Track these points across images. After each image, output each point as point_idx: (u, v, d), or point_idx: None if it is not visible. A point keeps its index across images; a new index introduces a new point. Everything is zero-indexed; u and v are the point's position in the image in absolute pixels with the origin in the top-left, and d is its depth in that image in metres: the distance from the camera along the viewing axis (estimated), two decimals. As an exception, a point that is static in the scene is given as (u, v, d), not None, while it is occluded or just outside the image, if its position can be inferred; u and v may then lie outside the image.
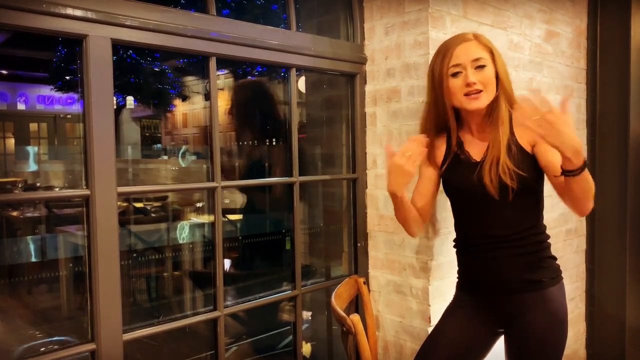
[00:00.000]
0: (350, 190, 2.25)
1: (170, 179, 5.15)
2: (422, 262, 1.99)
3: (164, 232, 3.56)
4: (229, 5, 3.62)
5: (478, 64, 1.50)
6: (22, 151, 9.15)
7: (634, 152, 2.78)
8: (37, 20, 1.34)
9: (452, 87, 1.51)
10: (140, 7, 1.53)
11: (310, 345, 2.44)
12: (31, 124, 10.50)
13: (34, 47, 7.28)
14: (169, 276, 3.35)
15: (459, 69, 1.50)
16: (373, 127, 2.19)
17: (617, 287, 2.81)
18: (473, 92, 1.49)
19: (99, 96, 1.44)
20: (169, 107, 10.27)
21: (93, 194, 1.44)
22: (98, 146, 1.43)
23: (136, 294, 3.24)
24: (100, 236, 1.45)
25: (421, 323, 2.01)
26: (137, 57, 8.15)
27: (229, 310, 1.79)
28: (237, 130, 2.74)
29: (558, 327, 1.53)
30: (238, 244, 2.61)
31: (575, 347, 2.86)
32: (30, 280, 3.23)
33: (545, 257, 1.58)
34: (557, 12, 2.60)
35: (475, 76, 1.49)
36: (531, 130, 1.32)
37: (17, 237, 3.72)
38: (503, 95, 1.53)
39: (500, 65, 1.54)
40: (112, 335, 1.49)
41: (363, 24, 2.18)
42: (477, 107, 1.51)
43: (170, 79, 9.47)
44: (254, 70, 4.91)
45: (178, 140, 11.32)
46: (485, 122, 1.57)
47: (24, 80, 10.01)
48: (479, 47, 1.52)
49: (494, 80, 1.52)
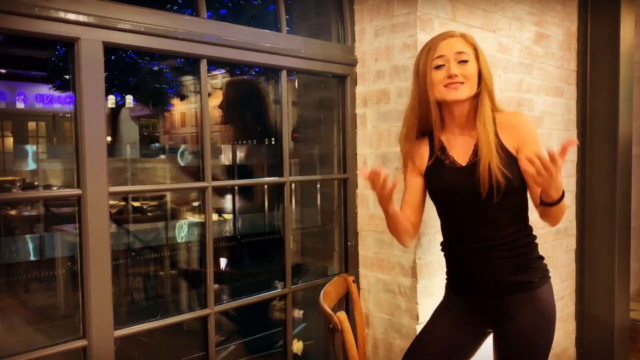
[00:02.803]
0: (341, 190, 2.28)
1: (168, 178, 5.17)
2: (410, 261, 2.03)
3: (160, 231, 3.59)
4: (221, 7, 3.65)
5: (461, 58, 1.53)
6: (21, 150, 9.16)
7: (623, 152, 2.82)
8: (29, 24, 1.37)
9: (435, 79, 1.54)
10: (132, 11, 1.56)
11: (302, 343, 2.47)
12: (30, 122, 10.52)
13: (32, 47, 7.30)
14: (163, 275, 3.38)
15: (442, 62, 1.53)
16: (363, 128, 2.22)
17: (607, 287, 2.85)
18: (454, 83, 1.51)
19: (91, 98, 1.47)
20: (167, 106, 10.29)
21: (85, 194, 1.47)
22: (89, 147, 1.47)
23: (128, 292, 3.26)
24: (91, 235, 1.48)
25: (409, 321, 2.04)
26: (135, 56, 8.17)
27: (220, 307, 1.83)
28: (229, 129, 2.77)
29: (547, 325, 1.56)
30: (230, 243, 2.64)
31: (565, 346, 2.89)
32: (26, 278, 3.26)
33: (534, 258, 1.60)
34: (547, 14, 2.63)
35: (457, 69, 1.52)
36: (528, 174, 1.41)
37: (15, 236, 3.74)
38: (486, 94, 1.56)
39: (483, 64, 1.57)
40: (103, 332, 1.52)
41: (354, 27, 2.21)
42: (456, 97, 1.52)
43: (168, 78, 9.48)
44: (251, 69, 4.94)
45: (176, 140, 11.35)
46: (469, 122, 1.59)
47: (23, 79, 10.02)
48: (464, 43, 1.56)
49: (476, 76, 1.55)
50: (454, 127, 1.61)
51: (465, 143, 1.59)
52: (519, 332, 1.55)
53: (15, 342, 2.94)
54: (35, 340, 2.97)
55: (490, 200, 1.50)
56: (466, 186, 1.53)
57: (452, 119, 1.60)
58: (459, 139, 1.61)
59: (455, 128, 1.61)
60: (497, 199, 1.49)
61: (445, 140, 1.62)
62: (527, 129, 1.57)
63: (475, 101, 1.56)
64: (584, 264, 2.92)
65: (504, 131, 1.56)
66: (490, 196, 1.50)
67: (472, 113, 1.58)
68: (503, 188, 1.49)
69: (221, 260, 2.76)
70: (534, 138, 1.56)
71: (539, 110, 2.59)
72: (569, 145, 1.31)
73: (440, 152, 1.61)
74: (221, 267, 2.66)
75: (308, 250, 2.58)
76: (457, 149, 1.60)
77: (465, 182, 1.53)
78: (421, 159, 1.65)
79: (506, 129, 1.56)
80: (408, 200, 1.68)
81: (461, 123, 1.60)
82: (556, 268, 2.76)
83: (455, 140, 1.61)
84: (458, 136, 1.61)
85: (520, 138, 1.55)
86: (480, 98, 1.55)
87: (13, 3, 1.33)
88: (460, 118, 1.59)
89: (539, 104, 2.59)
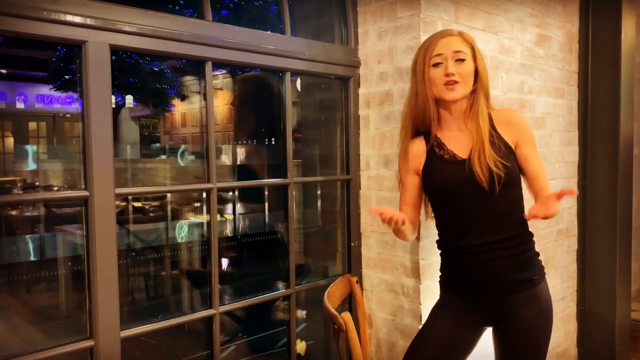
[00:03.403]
0: (344, 191, 2.29)
1: (169, 179, 5.18)
2: (413, 262, 2.04)
3: (162, 231, 3.60)
4: (226, 8, 3.62)
5: (458, 57, 1.56)
6: (21, 150, 9.16)
7: (624, 153, 2.83)
8: (38, 27, 1.38)
9: (433, 77, 1.57)
10: (138, 14, 1.57)
11: (305, 344, 2.48)
12: (30, 123, 10.53)
13: (34, 47, 7.31)
14: (167, 275, 3.39)
15: (440, 59, 1.56)
16: (366, 129, 2.23)
17: (608, 287, 2.86)
18: (450, 83, 1.55)
19: (98, 100, 1.48)
20: (168, 107, 10.30)
21: (92, 195, 1.48)
22: (97, 149, 1.48)
23: (134, 293, 3.28)
24: (98, 236, 1.49)
25: (412, 321, 2.06)
26: (137, 56, 8.17)
27: (224, 308, 1.84)
28: (235, 129, 2.77)
29: (548, 321, 1.58)
30: (234, 243, 2.65)
31: (566, 346, 2.91)
32: (29, 279, 3.27)
33: (533, 255, 1.62)
34: (549, 16, 2.65)
35: (454, 68, 1.55)
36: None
37: (16, 236, 3.75)
38: (481, 91, 1.60)
39: (480, 62, 1.60)
40: (110, 332, 1.53)
41: (357, 29, 2.23)
42: (453, 97, 1.56)
43: (169, 78, 9.49)
44: (253, 70, 4.95)
45: (177, 140, 11.36)
46: (466, 118, 1.62)
47: (23, 79, 10.03)
48: (462, 42, 1.59)
49: (471, 75, 1.58)
50: (451, 124, 1.64)
51: (464, 138, 1.61)
52: (522, 331, 1.56)
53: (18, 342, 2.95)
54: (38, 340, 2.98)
55: (492, 192, 1.51)
56: (468, 178, 1.53)
57: (450, 116, 1.63)
58: (458, 134, 1.63)
59: (453, 125, 1.64)
60: (498, 189, 1.51)
61: (442, 137, 1.64)
62: (524, 126, 1.62)
63: (472, 98, 1.60)
64: (585, 264, 2.94)
65: (503, 127, 1.60)
66: (492, 187, 1.51)
67: (469, 110, 1.61)
68: (503, 178, 1.51)
69: (225, 260, 2.77)
70: (530, 134, 1.62)
71: (540, 112, 2.60)
72: (566, 194, 1.35)
73: (438, 148, 1.63)
74: (224, 268, 2.68)
75: (312, 250, 2.59)
76: (457, 144, 1.62)
77: (468, 174, 1.54)
78: (417, 158, 1.67)
79: (505, 125, 1.60)
80: (407, 200, 1.70)
81: (459, 120, 1.63)
82: (557, 268, 2.77)
83: (454, 136, 1.63)
84: (457, 132, 1.63)
85: (519, 134, 1.60)
86: (476, 95, 1.60)
87: (21, 6, 1.35)
88: (458, 115, 1.62)
89: (541, 105, 2.61)
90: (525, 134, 1.60)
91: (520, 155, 1.58)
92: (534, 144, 1.62)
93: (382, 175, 2.17)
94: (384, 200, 2.16)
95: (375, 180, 2.21)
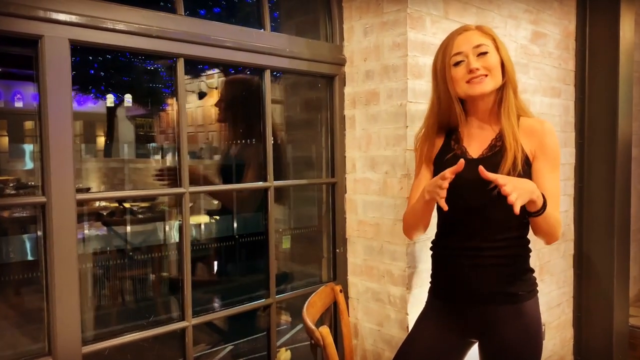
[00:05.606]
0: (329, 195, 2.19)
1: (150, 179, 5.04)
2: (401, 270, 1.94)
3: (150, 233, 3.49)
4: (200, 3, 3.49)
5: (480, 51, 1.45)
6: (16, 149, 9.07)
7: (622, 154, 2.73)
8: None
9: (455, 77, 1.46)
10: (100, 7, 1.47)
11: (290, 353, 2.39)
12: (26, 122, 10.44)
13: (29, 45, 7.21)
14: (143, 281, 3.26)
15: (461, 58, 1.45)
16: (352, 130, 2.13)
17: (605, 293, 2.77)
18: (476, 77, 1.43)
19: (56, 99, 1.38)
20: (162, 106, 10.21)
21: (49, 201, 1.38)
22: (54, 152, 1.38)
23: (102, 300, 3.14)
24: (57, 245, 1.39)
25: (399, 332, 1.96)
26: (130, 55, 8.08)
27: (198, 320, 1.74)
28: (219, 129, 2.67)
29: (531, 340, 1.48)
30: (210, 250, 2.54)
31: (563, 353, 2.81)
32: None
33: (525, 270, 1.52)
34: (544, 12, 2.54)
35: (478, 62, 1.44)
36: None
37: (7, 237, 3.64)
38: (510, 86, 1.48)
39: (504, 54, 1.48)
40: (70, 348, 1.43)
41: (342, 25, 2.13)
42: (482, 91, 1.44)
43: (163, 77, 9.40)
44: (246, 69, 4.86)
45: (171, 140, 11.25)
46: (492, 116, 1.51)
47: (19, 78, 9.93)
48: (481, 35, 1.48)
49: (499, 67, 1.46)
50: (473, 120, 1.54)
51: (483, 136, 1.52)
52: (504, 347, 1.48)
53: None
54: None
55: (498, 197, 1.37)
56: (471, 178, 1.41)
57: (475, 113, 1.53)
58: (478, 132, 1.53)
59: (475, 121, 1.54)
60: (498, 197, 1.39)
61: (462, 132, 1.55)
62: (547, 139, 1.48)
63: (499, 94, 1.49)
64: (582, 269, 2.84)
65: (525, 135, 1.48)
66: (499, 192, 1.37)
67: (496, 107, 1.50)
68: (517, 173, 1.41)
69: (201, 266, 2.65)
70: (551, 150, 1.48)
71: (535, 112, 2.49)
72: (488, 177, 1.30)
73: (454, 141, 1.54)
74: (200, 275, 2.56)
75: (295, 257, 2.49)
76: (473, 141, 1.52)
77: (473, 174, 1.39)
78: (435, 148, 1.58)
79: (528, 133, 1.49)
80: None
81: (484, 117, 1.52)
82: (553, 274, 2.67)
83: (474, 132, 1.54)
84: (477, 129, 1.54)
85: (538, 146, 1.48)
86: (505, 91, 1.48)
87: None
88: (484, 112, 1.52)
89: (536, 104, 2.51)
90: (546, 148, 1.47)
91: (534, 169, 1.46)
92: (554, 162, 1.48)
93: (368, 178, 2.07)
94: (371, 205, 2.06)
95: (361, 184, 2.11)
